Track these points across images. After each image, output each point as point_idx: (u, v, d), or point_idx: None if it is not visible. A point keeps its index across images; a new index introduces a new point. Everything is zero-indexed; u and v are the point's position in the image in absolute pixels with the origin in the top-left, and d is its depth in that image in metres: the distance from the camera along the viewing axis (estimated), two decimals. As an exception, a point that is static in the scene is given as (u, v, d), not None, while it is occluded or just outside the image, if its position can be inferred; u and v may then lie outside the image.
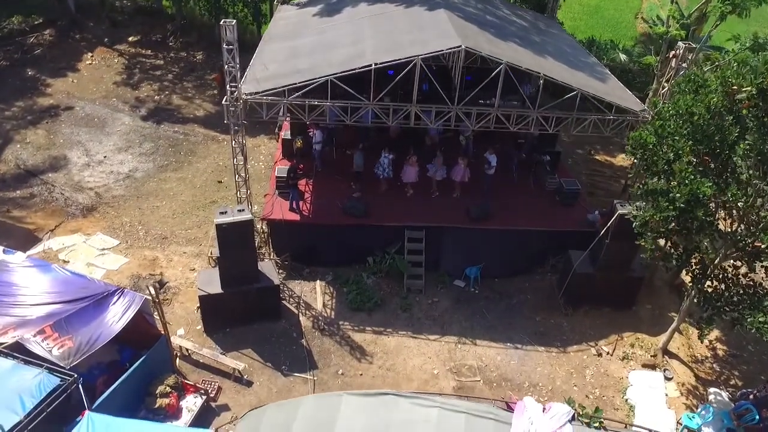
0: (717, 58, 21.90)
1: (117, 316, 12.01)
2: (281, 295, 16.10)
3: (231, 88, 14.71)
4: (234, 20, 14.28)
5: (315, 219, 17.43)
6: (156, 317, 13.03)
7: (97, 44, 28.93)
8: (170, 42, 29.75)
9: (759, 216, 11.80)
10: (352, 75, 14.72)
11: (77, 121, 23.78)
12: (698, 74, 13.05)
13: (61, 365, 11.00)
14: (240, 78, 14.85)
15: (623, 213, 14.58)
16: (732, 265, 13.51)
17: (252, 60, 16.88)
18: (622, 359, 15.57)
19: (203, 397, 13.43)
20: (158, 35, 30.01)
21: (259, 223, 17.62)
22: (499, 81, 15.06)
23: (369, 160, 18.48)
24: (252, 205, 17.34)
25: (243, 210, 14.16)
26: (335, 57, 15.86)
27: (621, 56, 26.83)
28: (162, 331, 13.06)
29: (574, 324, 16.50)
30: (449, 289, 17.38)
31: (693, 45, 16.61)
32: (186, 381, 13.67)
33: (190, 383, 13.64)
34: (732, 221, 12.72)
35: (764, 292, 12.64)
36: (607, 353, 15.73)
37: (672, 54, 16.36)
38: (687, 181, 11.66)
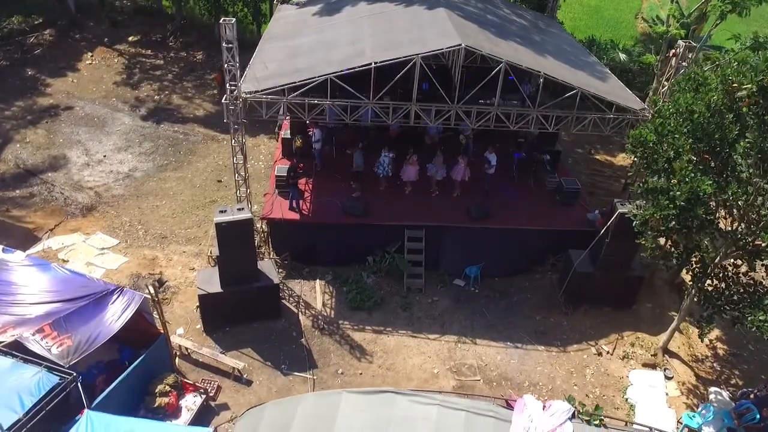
0: (717, 58, 21.85)
1: (116, 315, 11.99)
2: (281, 295, 16.07)
3: (231, 87, 14.70)
4: (233, 18, 14.27)
5: (315, 218, 17.42)
6: (155, 316, 13.01)
7: (97, 44, 28.97)
8: (170, 42, 29.79)
9: (759, 214, 11.76)
10: (352, 74, 14.69)
11: (77, 121, 23.79)
12: (698, 72, 13.02)
13: (60, 364, 10.97)
14: (240, 77, 14.84)
15: (623, 212, 14.56)
16: (732, 264, 13.48)
17: (252, 59, 16.87)
18: (623, 358, 15.55)
19: (202, 396, 13.41)
20: (158, 35, 30.05)
21: (259, 223, 17.61)
22: (499, 80, 15.05)
23: (369, 160, 18.47)
24: (252, 205, 17.33)
25: (243, 209, 14.15)
26: (335, 56, 15.85)
27: (621, 56, 26.77)
28: (161, 330, 13.03)
29: (575, 323, 16.48)
30: (449, 289, 17.36)
31: (693, 44, 16.58)
32: (185, 380, 13.65)
33: (190, 382, 13.63)
34: (732, 220, 12.68)
35: (764, 291, 12.63)
36: (608, 352, 15.71)
37: (672, 52, 16.33)
38: (687, 180, 11.64)
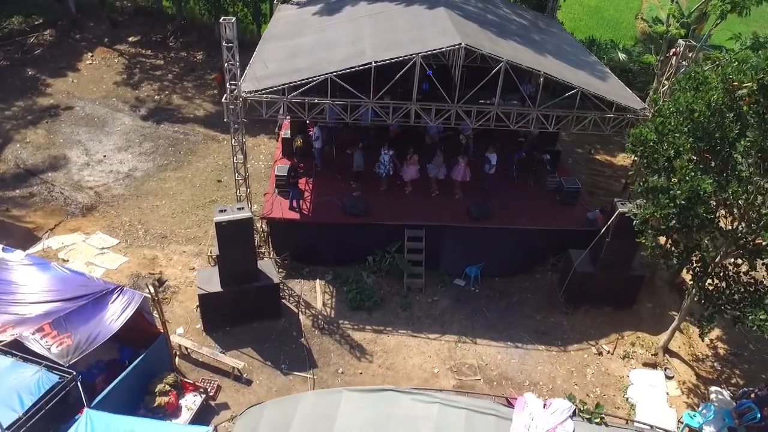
0: (717, 57, 21.84)
1: (116, 315, 11.97)
2: (281, 294, 16.06)
3: (231, 86, 14.69)
4: (233, 18, 14.26)
5: (315, 218, 17.40)
6: (155, 316, 13.00)
7: (98, 44, 28.97)
8: (170, 42, 29.78)
9: (760, 213, 11.72)
10: (352, 73, 14.69)
11: (77, 121, 23.78)
12: (699, 71, 13.00)
13: (60, 363, 10.95)
14: (240, 76, 14.84)
15: (623, 211, 14.54)
16: (733, 263, 13.44)
17: (252, 59, 16.86)
18: (623, 358, 15.53)
19: (202, 396, 13.39)
20: (158, 35, 30.05)
21: (259, 222, 17.59)
22: (500, 79, 15.05)
23: (369, 160, 18.46)
24: (252, 204, 17.30)
25: (243, 208, 14.13)
26: (335, 55, 15.84)
27: (621, 56, 26.77)
28: (161, 330, 13.01)
29: (575, 323, 16.46)
30: (449, 288, 17.34)
31: (693, 43, 16.57)
32: (185, 379, 13.63)
33: (190, 382, 13.61)
34: (733, 219, 12.65)
35: (765, 290, 12.60)
36: (608, 352, 15.70)
37: (672, 52, 16.32)
38: (687, 179, 11.62)
